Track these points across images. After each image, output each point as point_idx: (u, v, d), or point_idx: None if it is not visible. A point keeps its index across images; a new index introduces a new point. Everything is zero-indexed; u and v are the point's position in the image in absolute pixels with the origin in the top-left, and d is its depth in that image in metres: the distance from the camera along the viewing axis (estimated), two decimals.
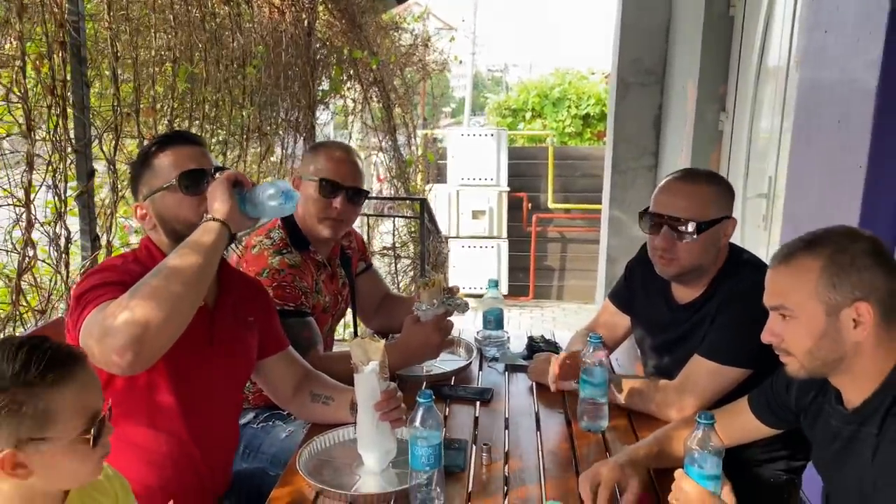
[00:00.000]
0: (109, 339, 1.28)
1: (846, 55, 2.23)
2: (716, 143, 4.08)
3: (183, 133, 1.78)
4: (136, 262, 1.52)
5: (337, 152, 2.06)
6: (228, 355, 1.62)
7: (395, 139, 4.91)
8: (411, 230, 4.74)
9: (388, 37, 5.28)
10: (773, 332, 1.29)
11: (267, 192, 1.47)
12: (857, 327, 1.20)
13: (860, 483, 1.22)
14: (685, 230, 1.71)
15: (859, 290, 1.20)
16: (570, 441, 1.70)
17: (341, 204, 2.01)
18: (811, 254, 1.24)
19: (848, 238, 1.25)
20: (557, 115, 12.03)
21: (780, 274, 1.28)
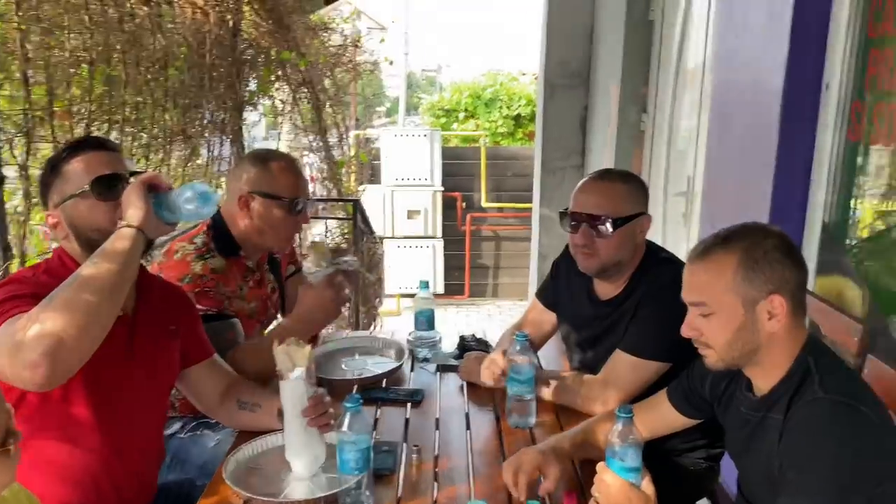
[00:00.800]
0: (21, 353, 1.22)
1: (754, 58, 2.34)
2: (638, 143, 4.20)
3: (96, 138, 1.71)
4: (47, 273, 1.47)
5: (291, 167, 2.05)
6: (150, 366, 1.58)
7: (327, 140, 4.87)
8: (344, 232, 4.72)
9: (317, 37, 5.22)
10: (693, 326, 1.33)
11: (184, 195, 1.44)
12: (771, 319, 1.27)
13: (768, 467, 1.28)
14: (602, 226, 1.77)
15: (772, 283, 1.26)
16: (499, 438, 1.73)
17: (304, 217, 2.04)
18: (726, 249, 1.29)
19: (760, 234, 1.31)
20: (490, 116, 12.15)
21: (697, 270, 1.33)
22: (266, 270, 2.17)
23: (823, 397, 1.20)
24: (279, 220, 1.99)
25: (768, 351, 1.30)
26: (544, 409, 1.82)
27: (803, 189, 2.18)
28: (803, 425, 1.19)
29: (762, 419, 1.32)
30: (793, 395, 1.26)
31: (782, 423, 1.26)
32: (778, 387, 1.30)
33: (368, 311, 4.86)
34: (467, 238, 7.84)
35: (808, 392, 1.22)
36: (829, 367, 1.27)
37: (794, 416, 1.21)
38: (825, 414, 1.18)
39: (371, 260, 4.87)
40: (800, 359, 1.28)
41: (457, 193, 7.89)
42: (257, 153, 2.14)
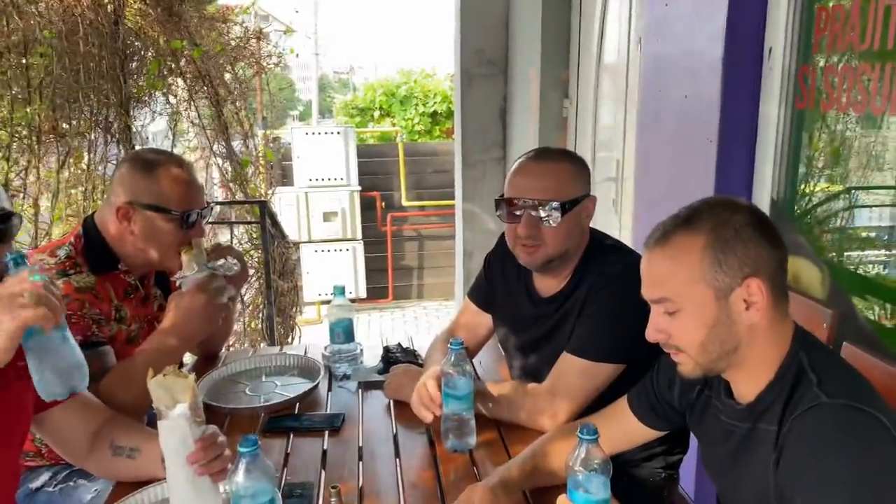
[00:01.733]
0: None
1: (688, 27, 2.17)
2: (561, 130, 4.04)
3: None
4: None
5: (179, 172, 1.71)
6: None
7: (229, 139, 4.48)
8: (253, 237, 4.35)
9: (214, 29, 4.81)
10: (659, 328, 1.10)
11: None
12: (749, 308, 1.05)
13: (760, 487, 1.07)
14: (548, 212, 1.53)
15: (747, 265, 1.04)
16: (435, 467, 1.47)
17: (199, 231, 1.73)
18: (690, 231, 1.07)
19: (727, 209, 1.08)
20: (406, 114, 11.96)
21: (656, 259, 1.10)
22: (152, 285, 1.84)
23: (827, 402, 0.99)
24: (168, 235, 1.68)
25: (750, 349, 1.08)
26: (485, 427, 1.57)
27: (748, 164, 2.02)
28: (808, 439, 0.98)
29: (750, 431, 1.11)
30: (787, 401, 1.05)
31: (777, 436, 1.04)
32: (767, 392, 1.09)
33: (285, 323, 4.51)
34: (388, 239, 7.56)
35: (806, 397, 1.01)
36: (826, 363, 1.06)
37: (794, 427, 1.00)
38: (832, 423, 0.97)
39: (285, 266, 4.52)
40: (789, 356, 1.08)
41: (375, 193, 7.59)
42: (141, 155, 1.79)
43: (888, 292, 1.71)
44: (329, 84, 24.42)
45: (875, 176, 1.74)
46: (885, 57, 1.54)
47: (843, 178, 1.81)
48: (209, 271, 1.68)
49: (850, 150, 1.77)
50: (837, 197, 1.87)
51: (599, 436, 1.07)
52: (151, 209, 1.67)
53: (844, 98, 1.70)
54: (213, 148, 4.29)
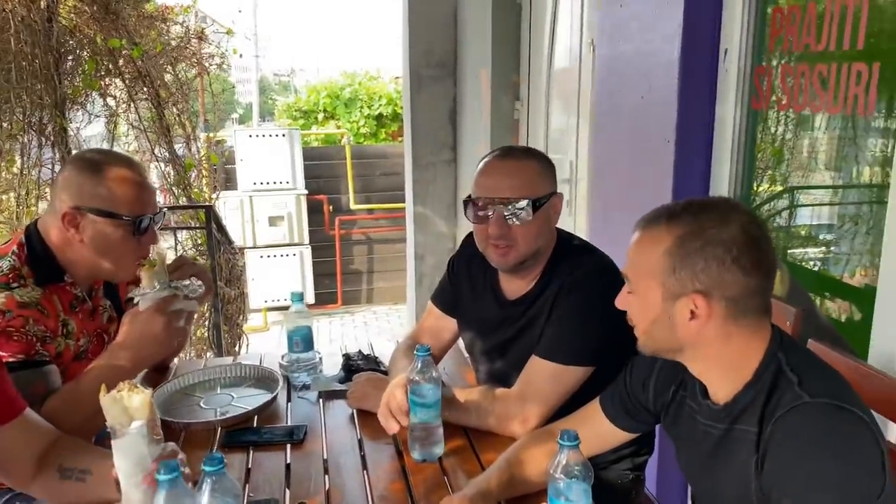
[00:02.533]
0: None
1: (644, 29, 2.18)
2: (513, 132, 4.04)
3: None
4: None
5: (129, 174, 1.60)
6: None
7: (171, 142, 4.33)
8: (197, 243, 4.21)
9: (153, 27, 4.64)
10: (621, 299, 1.17)
11: None
12: (693, 320, 1.05)
13: (741, 489, 1.06)
14: (519, 211, 1.51)
15: (701, 282, 1.04)
16: (404, 478, 1.42)
17: (154, 238, 1.63)
18: (668, 226, 1.07)
19: (716, 219, 1.05)
20: (350, 116, 11.84)
21: (634, 240, 1.13)
22: (100, 297, 1.74)
23: (810, 402, 0.98)
24: (119, 243, 1.57)
25: (706, 351, 1.09)
26: (453, 435, 1.53)
27: (706, 163, 2.04)
28: (793, 440, 0.97)
29: (727, 432, 1.10)
30: (766, 402, 1.04)
31: (758, 437, 1.03)
32: (744, 392, 1.08)
33: (232, 331, 4.37)
34: (337, 243, 7.43)
35: (787, 397, 1.01)
36: (805, 363, 1.06)
37: (778, 428, 0.99)
38: (816, 422, 0.97)
39: (231, 273, 4.39)
40: (766, 357, 1.07)
41: (322, 196, 7.45)
42: (87, 156, 1.67)
43: (842, 289, 1.74)
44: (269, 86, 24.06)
45: (828, 175, 1.77)
46: (841, 58, 1.57)
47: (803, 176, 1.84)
48: (171, 291, 1.57)
49: (804, 149, 1.81)
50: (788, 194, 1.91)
51: (580, 442, 1.05)
52: (100, 214, 1.56)
53: (801, 98, 1.73)
54: (154, 151, 4.13)
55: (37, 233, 1.60)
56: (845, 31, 1.55)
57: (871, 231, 1.63)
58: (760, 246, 1.05)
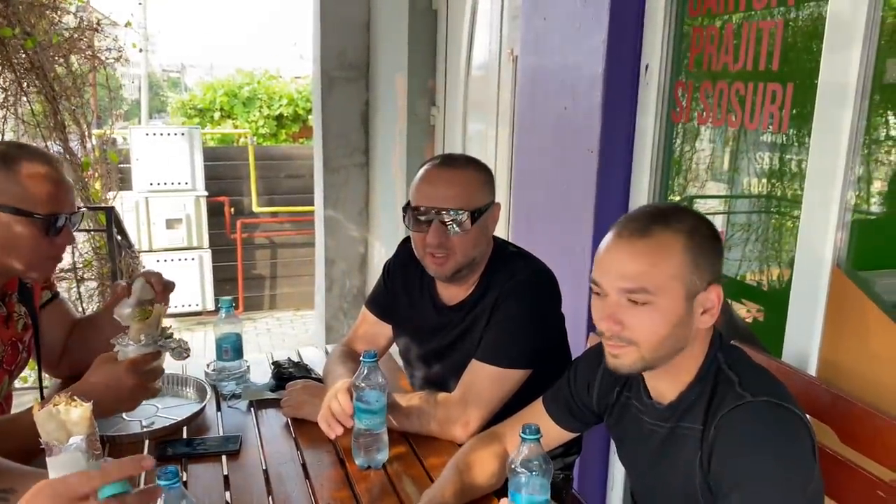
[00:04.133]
0: None
1: (568, 42, 2.26)
2: (429, 137, 4.06)
3: None
4: None
5: (45, 169, 1.48)
6: None
7: (66, 139, 4.06)
8: (96, 246, 3.97)
9: (45, 17, 4.35)
10: (616, 318, 1.09)
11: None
12: (704, 314, 1.10)
13: (686, 483, 1.12)
14: (458, 221, 1.52)
15: (712, 272, 1.10)
16: (350, 486, 1.40)
17: (69, 238, 1.53)
18: (669, 229, 1.08)
19: (695, 217, 1.14)
20: (249, 116, 11.51)
21: (636, 249, 1.08)
22: (14, 302, 1.61)
23: (752, 401, 1.05)
24: (30, 242, 1.47)
25: (686, 350, 1.13)
26: (395, 440, 1.53)
27: (626, 174, 2.14)
28: (738, 437, 1.04)
29: (672, 430, 1.16)
30: (710, 401, 1.11)
31: (702, 434, 1.10)
32: (687, 392, 1.14)
33: None
34: (238, 247, 7.20)
35: (729, 396, 1.07)
36: (741, 363, 1.14)
37: (722, 426, 1.05)
38: (759, 420, 1.04)
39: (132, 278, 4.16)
40: (708, 358, 1.14)
41: (223, 198, 7.19)
42: (1, 150, 1.56)
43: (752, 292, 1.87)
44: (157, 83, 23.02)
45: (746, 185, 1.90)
46: (757, 77, 1.69)
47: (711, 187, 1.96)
48: (156, 348, 1.48)
49: (721, 161, 1.93)
50: (708, 205, 2.03)
51: (541, 435, 1.07)
52: (10, 211, 1.46)
53: (719, 114, 1.84)
54: (47, 147, 3.86)
55: None
56: (762, 52, 1.67)
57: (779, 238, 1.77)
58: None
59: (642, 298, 1.08)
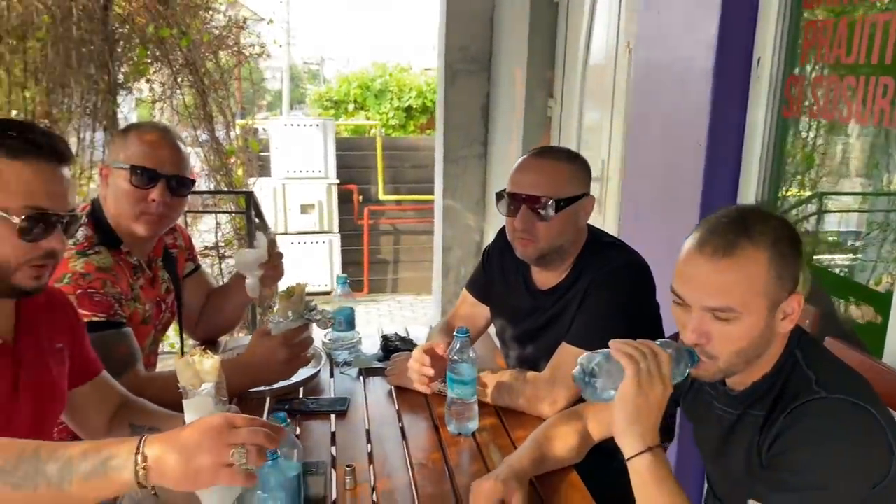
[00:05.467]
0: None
1: (680, 35, 2.26)
2: (545, 129, 4.12)
3: (54, 143, 1.22)
4: None
5: (150, 134, 1.71)
6: (37, 401, 1.29)
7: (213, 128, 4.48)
8: (237, 227, 4.36)
9: (198, 17, 4.80)
10: (702, 332, 1.11)
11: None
12: (785, 319, 1.12)
13: (748, 467, 1.16)
14: (543, 208, 1.61)
15: (793, 280, 1.11)
16: (441, 449, 1.53)
17: (160, 195, 1.69)
18: (753, 243, 1.09)
19: (777, 223, 1.13)
20: (380, 108, 11.94)
21: (724, 269, 1.09)
22: (159, 268, 1.87)
23: (825, 397, 1.07)
24: (122, 191, 1.68)
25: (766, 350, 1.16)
26: (486, 412, 1.64)
27: (735, 168, 2.12)
28: (802, 428, 1.06)
29: (740, 417, 1.20)
30: (780, 394, 1.13)
31: (765, 420, 1.13)
32: (761, 383, 1.17)
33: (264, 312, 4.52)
34: (365, 232, 7.58)
35: (804, 393, 1.09)
36: (822, 360, 1.15)
37: (790, 418, 1.08)
38: (828, 415, 1.05)
39: None
40: (787, 353, 1.16)
41: (353, 186, 7.59)
42: (129, 124, 1.82)
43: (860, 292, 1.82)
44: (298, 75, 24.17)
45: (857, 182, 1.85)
46: (869, 70, 1.65)
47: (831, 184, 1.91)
48: (303, 321, 1.68)
49: (833, 157, 1.88)
50: (816, 200, 1.99)
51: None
52: (115, 166, 1.69)
53: (830, 108, 1.80)
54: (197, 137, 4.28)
55: (98, 204, 1.74)
56: (874, 46, 1.62)
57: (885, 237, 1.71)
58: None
59: (728, 316, 1.09)
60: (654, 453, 1.11)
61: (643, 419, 1.11)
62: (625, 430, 1.12)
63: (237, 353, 1.76)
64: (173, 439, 0.98)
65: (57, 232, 1.22)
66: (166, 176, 1.70)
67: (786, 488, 1.04)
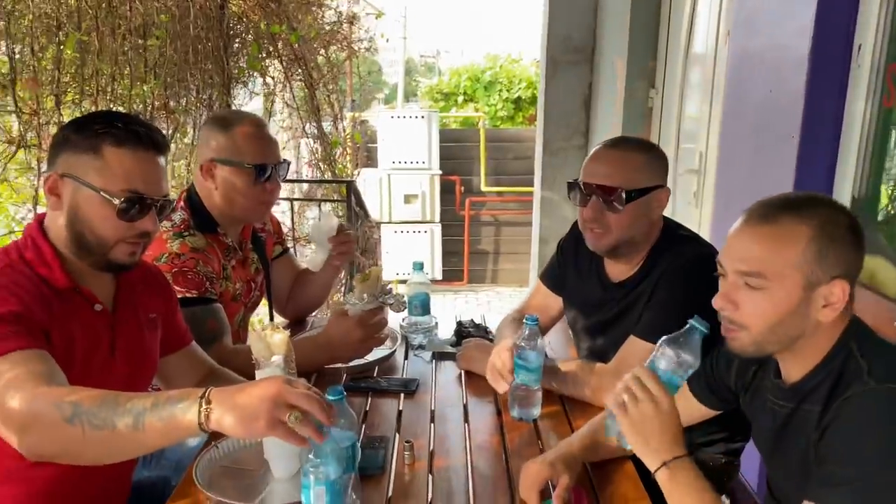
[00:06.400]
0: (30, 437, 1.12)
1: (776, 22, 2.17)
2: (645, 120, 4.03)
3: (152, 134, 1.35)
4: (17, 268, 1.28)
5: (253, 129, 1.85)
6: (131, 363, 1.43)
7: (320, 120, 4.68)
8: (339, 215, 4.55)
9: (310, 13, 5.02)
10: (730, 299, 1.13)
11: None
12: (826, 307, 1.09)
13: (803, 465, 1.12)
14: (614, 199, 1.60)
15: (840, 267, 1.08)
16: (501, 433, 1.57)
17: (276, 185, 1.88)
18: (800, 219, 1.09)
19: (835, 209, 1.12)
20: (489, 99, 11.98)
21: (758, 236, 1.10)
22: (250, 249, 2.01)
23: (876, 387, 1.03)
24: (244, 189, 1.83)
25: (810, 339, 1.13)
26: (549, 400, 1.66)
27: (830, 161, 2.01)
28: (851, 418, 1.03)
29: (793, 411, 1.16)
30: (834, 385, 1.09)
31: (820, 416, 1.09)
32: (813, 374, 1.13)
33: None
34: (466, 223, 7.67)
35: (855, 383, 1.06)
36: (877, 351, 1.10)
37: (841, 409, 1.05)
38: (877, 405, 1.02)
39: (367, 244, 4.70)
40: (840, 344, 1.12)
41: (455, 177, 7.70)
42: (220, 116, 1.96)
43: None
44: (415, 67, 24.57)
45: None
46: None
47: None
48: (378, 304, 1.79)
49: None
50: None
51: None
52: (227, 164, 1.82)
53: None
54: (304, 128, 4.49)
55: (195, 191, 1.89)
56: None
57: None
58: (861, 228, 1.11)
59: (757, 283, 1.09)
60: (669, 466, 1.13)
61: (652, 440, 1.14)
62: (640, 452, 1.17)
63: (317, 332, 1.87)
64: (237, 390, 1.08)
65: (151, 214, 1.35)
66: (274, 165, 1.85)
67: (835, 481, 1.02)
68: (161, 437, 1.10)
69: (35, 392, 1.11)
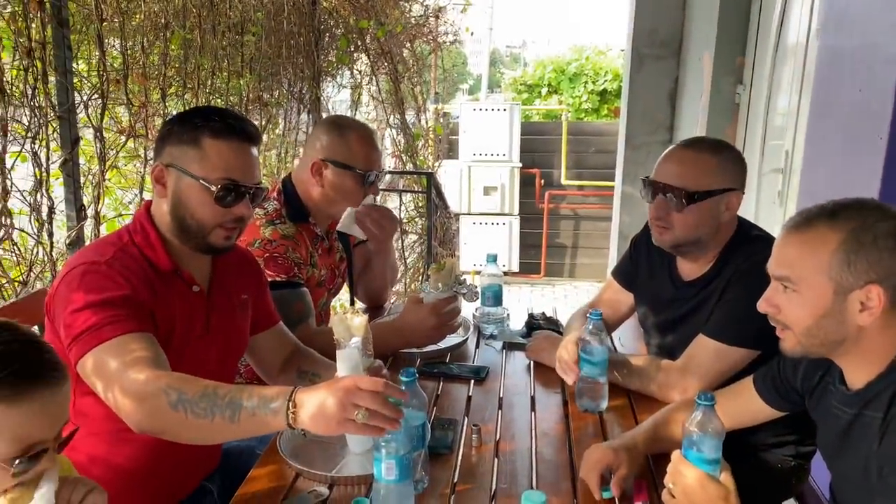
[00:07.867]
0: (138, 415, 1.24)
1: (868, 19, 2.11)
2: (732, 116, 3.94)
3: (246, 126, 1.46)
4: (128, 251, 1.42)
5: (368, 137, 2.01)
6: (224, 340, 1.56)
7: (404, 113, 4.80)
8: (419, 205, 4.66)
9: (397, 7, 5.14)
10: (771, 302, 1.20)
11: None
12: (863, 311, 1.10)
13: (865, 472, 1.13)
14: (676, 198, 1.62)
15: (875, 272, 1.09)
16: (566, 422, 1.62)
17: (374, 189, 2.04)
18: (832, 225, 1.12)
19: (875, 214, 1.12)
20: (574, 91, 11.86)
21: (791, 241, 1.17)
22: (335, 238, 2.13)
23: None
24: (350, 190, 1.97)
25: (859, 343, 1.14)
26: (616, 394, 1.70)
27: None
28: None
29: (856, 417, 1.16)
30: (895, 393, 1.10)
31: (882, 422, 1.10)
32: (876, 381, 1.14)
33: None
34: (545, 216, 7.66)
35: None
36: None
37: None
38: None
39: (445, 235, 4.80)
40: None
41: (535, 170, 7.70)
42: (336, 120, 2.09)
43: None
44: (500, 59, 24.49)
45: None
46: None
47: None
48: (452, 293, 1.88)
49: None
50: None
51: (715, 402, 1.18)
52: (340, 166, 1.94)
53: None
54: (388, 120, 4.62)
55: (290, 182, 2.02)
56: None
57: None
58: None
59: (788, 285, 1.16)
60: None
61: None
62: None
63: (394, 318, 1.97)
64: (315, 393, 1.19)
65: (245, 200, 1.47)
66: (378, 173, 2.02)
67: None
68: (253, 431, 1.24)
69: (144, 375, 1.24)
